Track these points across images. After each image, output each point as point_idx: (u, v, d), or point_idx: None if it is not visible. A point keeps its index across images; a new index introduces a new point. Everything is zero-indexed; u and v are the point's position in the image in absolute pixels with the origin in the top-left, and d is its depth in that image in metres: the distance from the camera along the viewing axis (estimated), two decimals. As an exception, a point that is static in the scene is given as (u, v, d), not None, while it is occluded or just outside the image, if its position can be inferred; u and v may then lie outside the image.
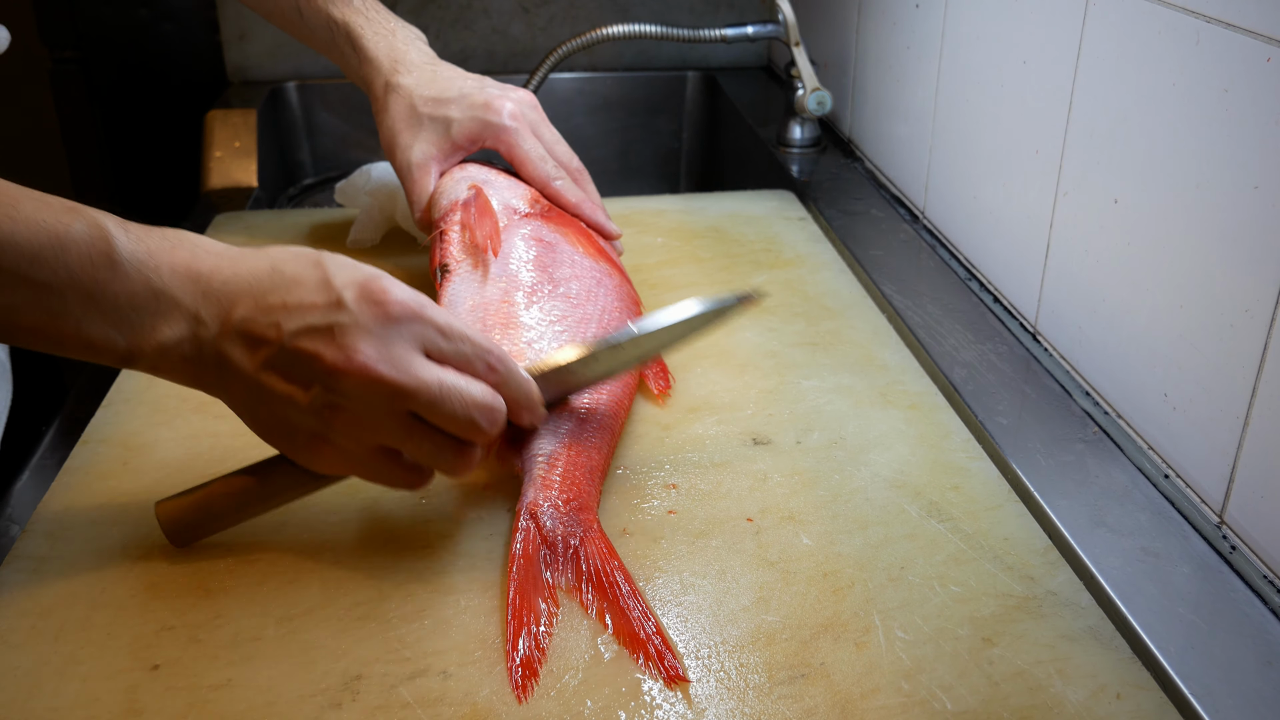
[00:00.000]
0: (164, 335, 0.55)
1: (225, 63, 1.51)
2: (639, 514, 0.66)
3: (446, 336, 0.57)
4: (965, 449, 0.73)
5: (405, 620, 0.58)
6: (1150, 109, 0.71)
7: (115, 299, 0.54)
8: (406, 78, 0.87)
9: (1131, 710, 0.53)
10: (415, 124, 0.86)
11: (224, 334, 0.55)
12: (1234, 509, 0.64)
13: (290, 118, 1.51)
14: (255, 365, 0.55)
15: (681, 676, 0.54)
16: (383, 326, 0.55)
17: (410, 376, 0.55)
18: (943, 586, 0.61)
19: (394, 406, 0.55)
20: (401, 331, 0.56)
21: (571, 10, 1.58)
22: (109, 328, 0.54)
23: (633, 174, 1.65)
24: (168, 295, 0.55)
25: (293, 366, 0.55)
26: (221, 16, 1.50)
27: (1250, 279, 0.62)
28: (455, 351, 0.57)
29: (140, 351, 0.55)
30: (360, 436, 0.56)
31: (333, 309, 0.55)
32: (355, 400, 0.55)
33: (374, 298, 0.55)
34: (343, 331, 0.54)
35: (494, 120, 0.85)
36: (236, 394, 0.57)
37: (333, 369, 0.54)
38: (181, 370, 0.57)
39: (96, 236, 0.53)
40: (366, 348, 0.54)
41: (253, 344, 0.55)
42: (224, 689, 0.54)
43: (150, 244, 0.55)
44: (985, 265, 0.96)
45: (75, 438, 0.73)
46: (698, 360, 0.82)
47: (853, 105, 1.28)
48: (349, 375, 0.54)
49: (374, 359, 0.54)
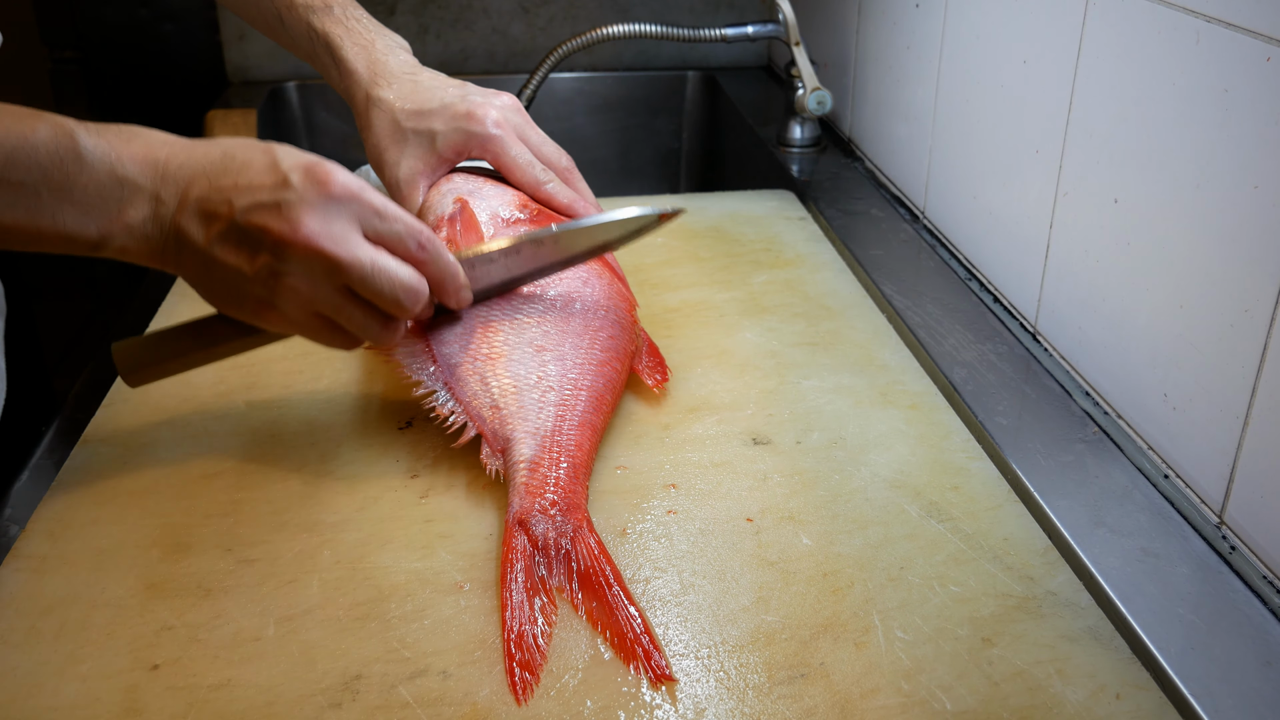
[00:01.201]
0: (130, 217, 0.60)
1: (225, 63, 1.51)
2: (639, 514, 0.66)
3: (381, 217, 0.63)
4: (965, 449, 0.73)
5: (405, 620, 0.58)
6: (1150, 109, 0.71)
7: (85, 190, 0.59)
8: (387, 91, 0.86)
9: (1131, 710, 0.53)
10: (400, 140, 0.86)
11: (181, 211, 0.61)
12: (1234, 509, 0.64)
13: (290, 118, 1.51)
14: (208, 239, 0.60)
15: (668, 676, 0.54)
16: (325, 203, 0.60)
17: (346, 252, 0.60)
18: (942, 586, 0.61)
19: (331, 279, 0.61)
20: (342, 210, 0.61)
21: (571, 10, 1.58)
22: (81, 216, 0.59)
23: (633, 174, 1.65)
24: (131, 181, 0.60)
25: (242, 239, 0.60)
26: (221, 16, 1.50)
27: (1250, 279, 0.62)
28: (389, 231, 0.63)
29: (110, 235, 0.60)
30: (300, 303, 0.62)
31: (280, 187, 0.60)
32: (297, 270, 0.60)
33: (318, 178, 0.61)
34: (289, 207, 0.60)
35: (478, 130, 0.85)
36: (192, 266, 0.62)
37: (279, 240, 0.60)
38: (146, 249, 0.62)
39: (63, 134, 0.58)
40: (310, 221, 0.60)
41: (207, 219, 0.60)
42: (224, 689, 0.54)
43: (109, 137, 0.60)
44: (985, 265, 0.96)
45: (75, 438, 0.73)
46: (698, 360, 0.82)
47: (853, 105, 1.28)
48: (293, 246, 0.60)
49: (316, 232, 0.60)
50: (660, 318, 0.88)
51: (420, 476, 0.69)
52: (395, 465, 0.70)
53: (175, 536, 0.64)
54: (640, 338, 0.79)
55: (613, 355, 0.74)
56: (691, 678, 0.55)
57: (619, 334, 0.76)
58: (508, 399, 0.68)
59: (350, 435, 0.73)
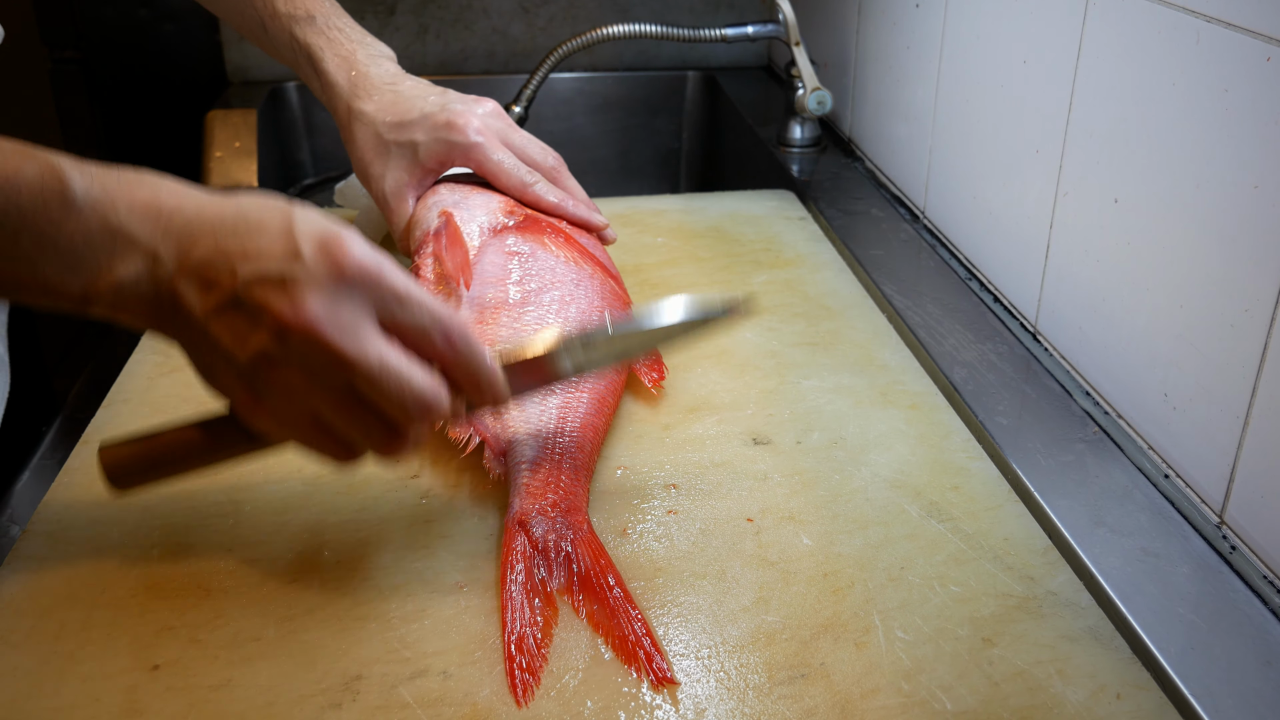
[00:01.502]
0: (120, 274, 0.53)
1: (225, 63, 1.51)
2: (639, 514, 0.66)
3: (403, 304, 0.54)
4: (965, 449, 0.73)
5: (405, 620, 0.58)
6: (1150, 109, 0.71)
7: (70, 239, 0.52)
8: (368, 103, 0.85)
9: (1131, 710, 0.53)
10: (383, 152, 0.85)
11: (180, 273, 0.53)
12: (1234, 509, 0.64)
13: (290, 118, 1.51)
14: (206, 310, 0.53)
15: (670, 679, 0.54)
16: (335, 285, 0.52)
17: (353, 345, 0.52)
18: (943, 586, 0.61)
19: (331, 374, 0.52)
20: (354, 294, 0.53)
21: (571, 10, 1.58)
22: (64, 269, 0.52)
23: (633, 174, 1.65)
24: (125, 232, 0.53)
25: (240, 315, 0.52)
26: (221, 16, 1.50)
27: (1250, 279, 0.62)
28: (411, 322, 0.54)
29: (96, 292, 0.53)
30: (294, 399, 0.53)
31: (289, 259, 0.52)
32: (295, 359, 0.52)
33: (331, 254, 0.52)
34: (294, 284, 0.52)
35: (459, 139, 0.84)
36: (187, 338, 0.55)
37: (278, 321, 0.51)
38: (138, 311, 0.54)
39: (49, 176, 0.52)
40: (315, 305, 0.51)
41: (206, 286, 0.52)
42: (224, 689, 0.54)
43: (108, 182, 0.53)
44: (985, 265, 0.96)
45: (75, 438, 0.73)
46: (698, 360, 0.82)
47: (853, 105, 1.28)
48: (292, 331, 0.51)
49: (320, 318, 0.51)
50: (660, 318, 0.88)
51: (420, 476, 0.69)
52: (396, 465, 0.70)
53: (175, 536, 0.64)
54: None
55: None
56: (692, 678, 0.55)
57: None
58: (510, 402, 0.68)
59: (350, 435, 0.73)
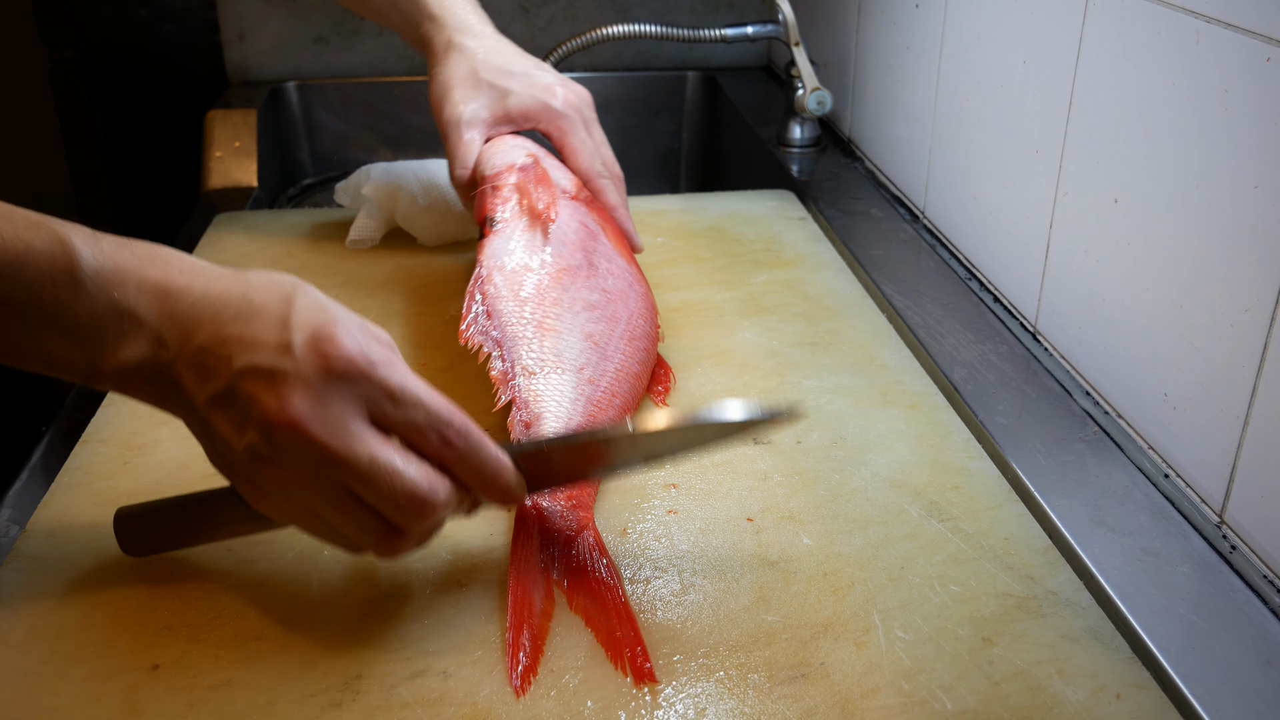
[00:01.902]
0: (125, 356, 0.52)
1: (225, 63, 1.51)
2: (639, 514, 0.66)
3: (396, 402, 0.52)
4: (965, 449, 0.73)
5: (405, 620, 0.58)
6: (1150, 109, 0.71)
7: (76, 318, 0.51)
8: (473, 41, 0.88)
9: (1131, 710, 0.53)
10: (473, 85, 0.86)
11: (181, 359, 0.52)
12: (1234, 509, 0.64)
13: (290, 118, 1.51)
14: (204, 399, 0.52)
15: (652, 677, 0.54)
16: (323, 382, 0.50)
17: (340, 444, 0.50)
18: (943, 586, 0.61)
19: (322, 471, 0.51)
20: (343, 390, 0.51)
21: (571, 10, 1.58)
22: (70, 346, 0.52)
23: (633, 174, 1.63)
24: (132, 314, 0.52)
25: (233, 406, 0.51)
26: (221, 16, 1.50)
27: (1250, 279, 0.62)
28: (404, 420, 0.52)
29: (102, 371, 0.53)
30: (287, 494, 0.52)
31: (279, 352, 0.51)
32: (284, 456, 0.51)
33: (320, 348, 0.51)
34: (282, 379, 0.50)
35: (554, 104, 0.86)
36: (190, 422, 0.54)
37: (265, 417, 0.50)
38: (143, 391, 0.54)
39: (58, 254, 0.50)
40: (300, 402, 0.50)
41: (204, 375, 0.52)
42: (224, 689, 0.54)
43: (119, 259, 0.52)
44: (985, 265, 0.96)
45: (75, 438, 0.73)
46: (698, 360, 0.82)
47: (853, 105, 1.28)
48: (278, 428, 0.50)
49: (306, 416, 0.50)
50: (660, 317, 0.88)
51: (420, 476, 0.69)
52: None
53: (175, 536, 0.64)
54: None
55: (645, 369, 0.74)
56: (692, 678, 0.55)
57: (651, 348, 0.77)
58: (547, 373, 0.69)
59: (350, 435, 0.73)
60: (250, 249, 1.00)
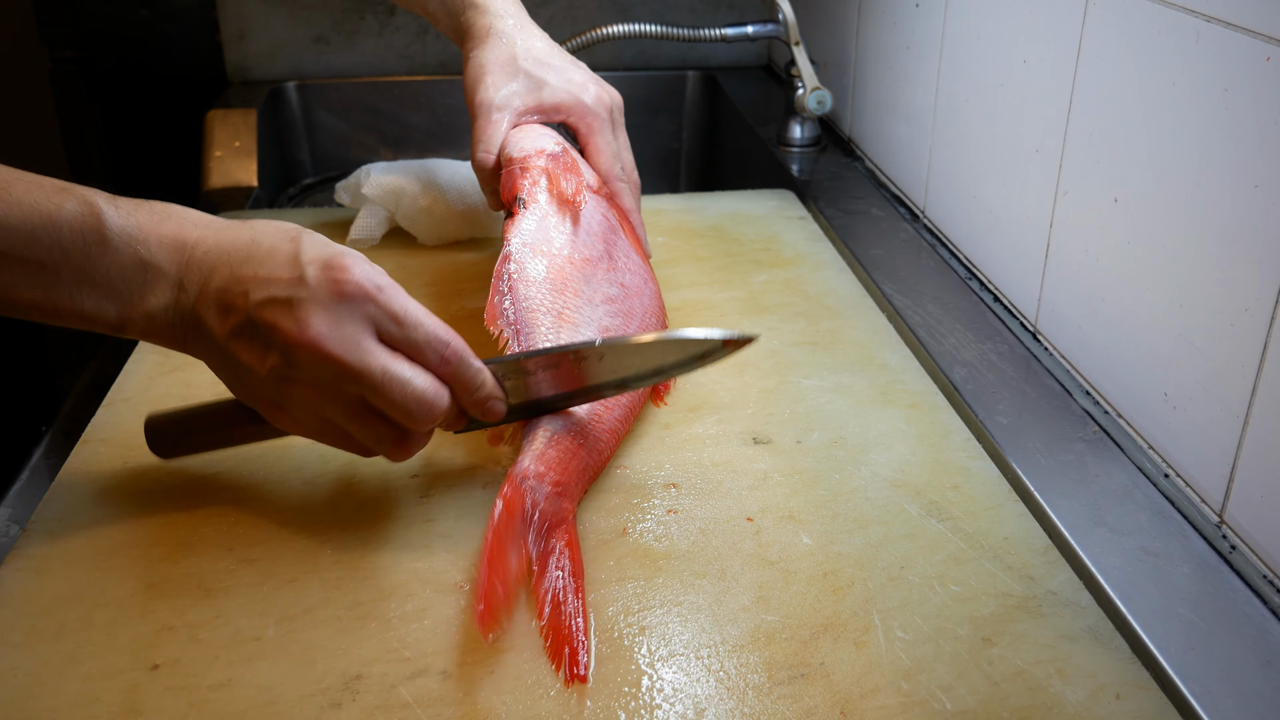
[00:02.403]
0: (151, 304, 0.58)
1: (225, 63, 1.51)
2: (639, 513, 0.66)
3: (399, 323, 0.58)
4: (965, 448, 0.73)
5: (405, 620, 0.58)
6: (1150, 109, 0.71)
7: (107, 272, 0.57)
8: (515, 30, 0.88)
9: (1131, 710, 0.53)
10: (510, 71, 0.87)
11: (202, 300, 0.58)
12: (1234, 509, 0.64)
13: (290, 118, 1.51)
14: (225, 332, 0.58)
15: (583, 679, 0.54)
16: (336, 303, 0.57)
17: (356, 358, 0.57)
18: (943, 586, 0.61)
19: (341, 386, 0.58)
20: (354, 310, 0.57)
21: (571, 10, 1.58)
22: (101, 299, 0.58)
23: (633, 174, 1.64)
24: (155, 266, 0.58)
25: (255, 335, 0.58)
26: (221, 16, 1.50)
27: (1250, 278, 0.62)
28: (405, 339, 0.58)
29: (130, 320, 0.59)
30: (309, 409, 0.59)
31: (294, 284, 0.57)
32: (306, 374, 0.57)
33: (331, 274, 0.57)
34: (299, 305, 0.57)
35: (587, 101, 0.87)
36: (210, 357, 0.61)
37: (287, 340, 0.57)
38: (167, 335, 0.60)
39: (88, 214, 0.56)
40: (318, 323, 0.56)
41: (224, 311, 0.58)
42: (224, 689, 0.54)
43: (139, 218, 0.58)
44: (985, 265, 0.96)
45: (75, 438, 0.73)
46: (698, 360, 0.82)
47: (853, 105, 1.28)
48: (300, 348, 0.56)
49: (324, 335, 0.56)
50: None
51: (420, 476, 0.69)
52: (395, 465, 0.70)
53: (175, 536, 0.64)
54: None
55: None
56: (691, 678, 0.55)
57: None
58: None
59: (350, 435, 0.73)
60: (250, 249, 1.00)
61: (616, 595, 0.60)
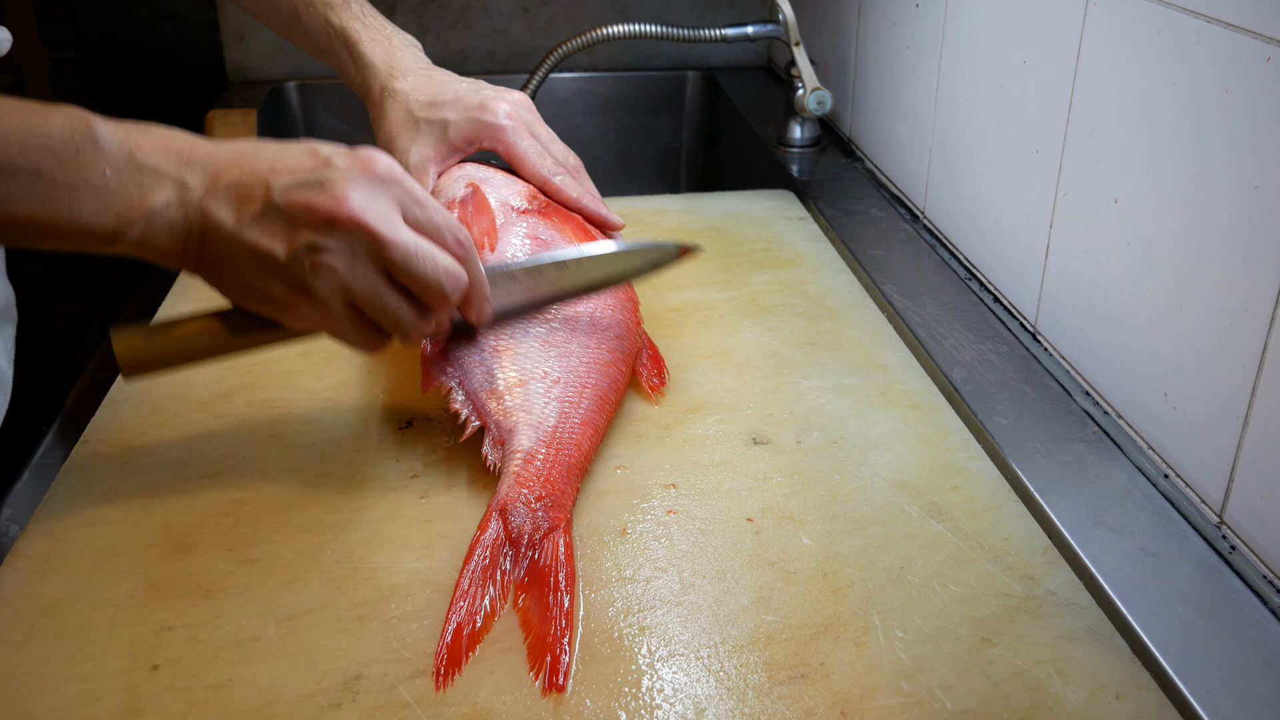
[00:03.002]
0: (151, 202, 0.58)
1: (225, 63, 1.51)
2: (639, 514, 0.66)
3: (422, 206, 0.62)
4: (965, 449, 0.73)
5: (405, 620, 0.58)
6: (1150, 109, 0.71)
7: (102, 175, 0.57)
8: (403, 83, 0.88)
9: (1131, 710, 0.53)
10: (412, 128, 0.87)
11: (210, 194, 0.59)
12: (1234, 509, 0.64)
13: (290, 118, 1.51)
14: (240, 221, 0.59)
15: (560, 689, 0.54)
16: (370, 182, 0.60)
17: (391, 230, 0.60)
18: (942, 586, 0.61)
19: (373, 257, 0.60)
20: (386, 190, 0.60)
21: (571, 10, 1.58)
22: (98, 204, 0.57)
23: (633, 174, 1.65)
24: (151, 167, 0.59)
25: (280, 219, 0.59)
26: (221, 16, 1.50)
27: (1250, 279, 0.62)
28: (429, 221, 0.62)
29: (129, 223, 0.58)
30: (336, 285, 0.60)
31: (323, 167, 0.60)
32: (339, 246, 0.59)
33: (361, 158, 0.61)
34: (334, 184, 0.59)
35: (490, 120, 0.86)
36: (215, 256, 0.60)
37: (324, 214, 0.58)
38: (166, 237, 0.59)
39: (78, 120, 0.57)
40: (357, 196, 0.59)
41: (241, 202, 0.59)
42: (224, 689, 0.54)
43: (128, 129, 0.59)
44: (985, 265, 0.96)
45: (75, 438, 0.73)
46: (698, 360, 0.82)
47: (853, 105, 1.28)
48: (338, 220, 0.58)
49: (364, 207, 0.59)
50: (660, 318, 0.88)
51: (420, 476, 0.69)
52: (395, 465, 0.70)
53: (175, 536, 0.64)
54: (642, 339, 0.79)
55: (618, 356, 0.74)
56: (691, 678, 0.55)
57: (625, 335, 0.76)
58: (513, 391, 0.68)
59: (350, 435, 0.73)
60: (250, 249, 1.00)
61: (616, 595, 0.60)
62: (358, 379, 0.80)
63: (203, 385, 0.79)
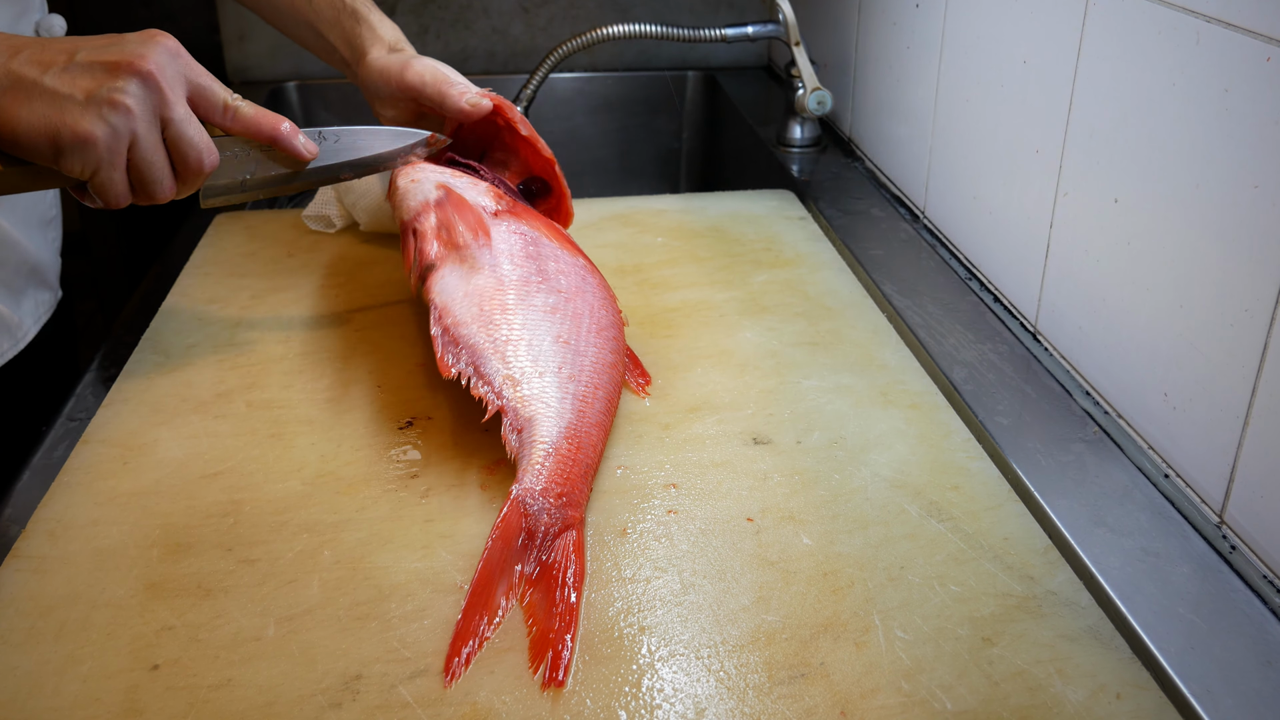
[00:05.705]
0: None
1: (225, 63, 1.51)
2: (639, 514, 0.66)
3: (204, 85, 0.70)
4: (965, 449, 0.73)
5: (405, 620, 0.58)
6: (1150, 109, 0.71)
7: None
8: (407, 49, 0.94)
9: (1131, 710, 0.53)
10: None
11: (13, 58, 0.64)
12: (1234, 509, 0.64)
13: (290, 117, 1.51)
14: (43, 74, 0.64)
15: (559, 685, 0.54)
16: (162, 54, 0.67)
17: (175, 94, 0.68)
18: (943, 586, 0.61)
19: (158, 112, 0.67)
20: (173, 64, 0.68)
21: (571, 10, 1.58)
22: None
23: (633, 174, 1.65)
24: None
25: (81, 72, 0.65)
26: (221, 16, 1.50)
27: (1250, 279, 0.62)
28: (211, 100, 0.71)
29: None
30: (128, 127, 0.66)
31: (119, 40, 0.67)
32: (136, 92, 0.66)
33: (151, 34, 0.68)
34: (133, 45, 0.67)
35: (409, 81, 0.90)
36: (13, 103, 0.64)
37: (126, 65, 0.65)
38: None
39: None
40: (155, 56, 0.67)
41: (44, 64, 0.65)
42: (224, 689, 0.54)
43: None
44: (985, 265, 0.96)
45: (75, 438, 0.73)
46: (698, 360, 0.82)
47: (853, 105, 1.28)
48: (139, 70, 0.66)
49: (160, 66, 0.67)
50: (660, 318, 0.88)
51: (420, 476, 0.69)
52: (395, 465, 0.70)
53: (175, 536, 0.64)
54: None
55: (619, 359, 0.75)
56: (692, 677, 0.55)
57: (621, 339, 0.77)
58: (529, 379, 0.69)
59: (350, 435, 0.73)
60: (250, 249, 1.00)
61: (616, 595, 0.60)
62: (358, 379, 0.80)
63: (203, 385, 0.79)
